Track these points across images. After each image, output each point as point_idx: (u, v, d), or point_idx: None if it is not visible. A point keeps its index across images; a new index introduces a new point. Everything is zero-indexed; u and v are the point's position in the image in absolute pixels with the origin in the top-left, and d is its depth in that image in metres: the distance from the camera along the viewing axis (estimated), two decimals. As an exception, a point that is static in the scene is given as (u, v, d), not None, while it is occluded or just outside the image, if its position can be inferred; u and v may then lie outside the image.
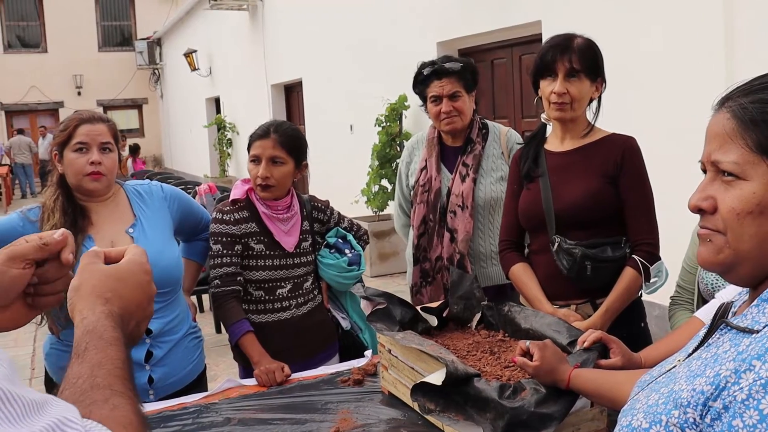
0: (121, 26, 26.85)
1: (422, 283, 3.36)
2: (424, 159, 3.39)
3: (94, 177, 2.54)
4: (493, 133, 3.37)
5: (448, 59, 3.30)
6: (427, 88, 3.28)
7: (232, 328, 2.72)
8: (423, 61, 3.35)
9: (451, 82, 3.23)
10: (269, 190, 2.81)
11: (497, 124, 3.48)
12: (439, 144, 3.39)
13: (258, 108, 14.70)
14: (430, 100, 3.28)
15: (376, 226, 8.49)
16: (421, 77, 3.31)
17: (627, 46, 5.36)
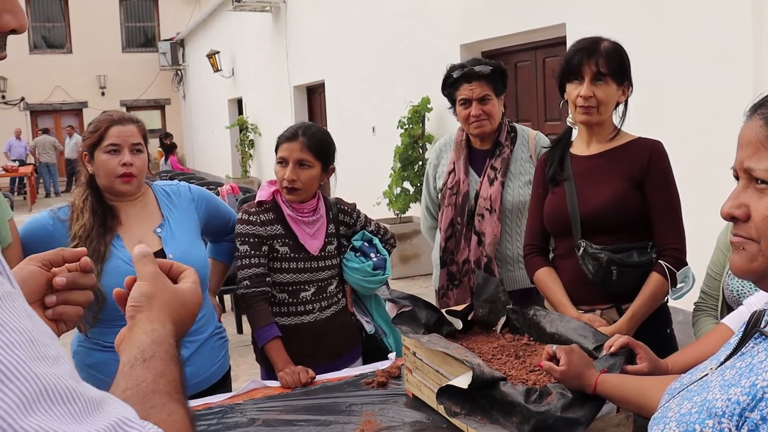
0: (144, 27, 27.02)
1: (449, 286, 3.35)
2: (452, 162, 3.38)
3: (126, 179, 2.56)
4: (521, 136, 3.36)
5: (478, 62, 3.29)
6: (456, 90, 3.27)
7: (260, 331, 2.72)
8: (452, 64, 3.34)
9: (480, 85, 3.21)
10: (295, 192, 2.81)
11: (526, 127, 3.46)
12: (467, 147, 3.38)
13: (280, 109, 14.74)
14: (459, 103, 3.27)
15: (397, 228, 8.49)
16: (451, 80, 3.29)
17: (653, 48, 5.32)
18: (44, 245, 2.38)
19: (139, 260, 1.04)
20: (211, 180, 13.55)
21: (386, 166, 9.24)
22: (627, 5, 5.71)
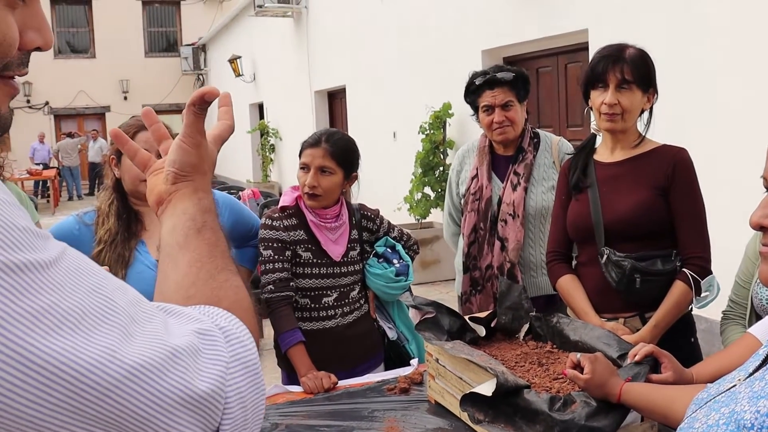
0: (167, 32, 27.20)
1: (471, 291, 3.35)
2: (475, 167, 3.39)
3: None
4: (544, 142, 3.36)
5: (500, 69, 3.29)
6: (478, 97, 3.27)
7: (283, 336, 2.73)
8: (475, 71, 3.34)
9: (503, 91, 3.22)
10: (316, 199, 2.82)
11: (548, 133, 3.46)
12: (490, 153, 3.38)
13: (301, 114, 14.78)
14: (482, 110, 3.27)
15: (418, 233, 8.48)
16: (473, 87, 3.29)
17: (677, 54, 5.29)
18: None
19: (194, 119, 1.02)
20: (233, 184, 13.60)
21: (407, 171, 9.25)
22: (650, 11, 5.68)
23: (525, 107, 3.32)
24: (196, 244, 0.90)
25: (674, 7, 5.43)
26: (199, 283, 0.86)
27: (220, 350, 0.74)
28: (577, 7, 6.57)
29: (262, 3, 13.88)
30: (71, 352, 0.61)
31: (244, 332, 0.79)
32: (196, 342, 0.72)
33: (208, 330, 0.75)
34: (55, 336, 0.60)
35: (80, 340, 0.62)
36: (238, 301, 0.86)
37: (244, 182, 18.08)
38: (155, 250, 2.58)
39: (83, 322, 0.63)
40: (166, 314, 0.75)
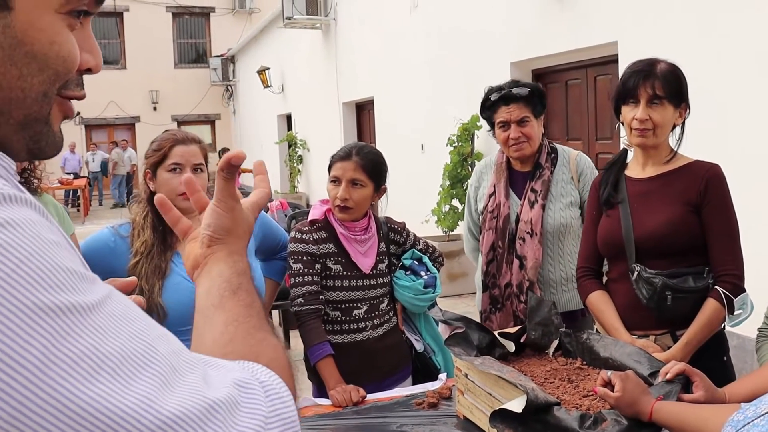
0: (196, 44, 27.43)
1: (491, 309, 3.33)
2: (492, 184, 3.36)
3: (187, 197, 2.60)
4: (562, 157, 3.32)
5: (516, 84, 3.26)
6: (494, 113, 3.24)
7: (312, 349, 2.74)
8: (490, 87, 3.31)
9: (519, 107, 3.18)
10: (347, 211, 2.84)
11: (567, 148, 3.42)
12: (508, 169, 3.35)
13: (329, 126, 14.83)
14: (498, 126, 3.24)
15: (445, 246, 8.47)
16: (489, 103, 3.27)
17: (709, 68, 5.23)
18: (106, 261, 2.44)
19: (224, 184, 1.02)
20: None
21: (435, 183, 9.24)
22: (680, 23, 5.64)
23: (542, 122, 3.29)
24: (232, 305, 0.91)
25: (706, 19, 5.39)
26: (236, 340, 0.87)
27: (259, 404, 0.73)
28: (607, 19, 6.54)
29: (290, 15, 13.96)
30: (108, 399, 0.60)
31: (283, 388, 0.79)
32: (235, 394, 0.71)
33: (247, 382, 0.75)
34: (92, 381, 0.60)
35: (118, 387, 0.61)
36: (277, 359, 0.86)
37: (272, 193, 18.15)
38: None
39: (122, 368, 0.63)
40: (207, 366, 0.74)
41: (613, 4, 6.45)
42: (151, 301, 2.48)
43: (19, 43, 0.72)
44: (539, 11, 7.45)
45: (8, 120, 0.75)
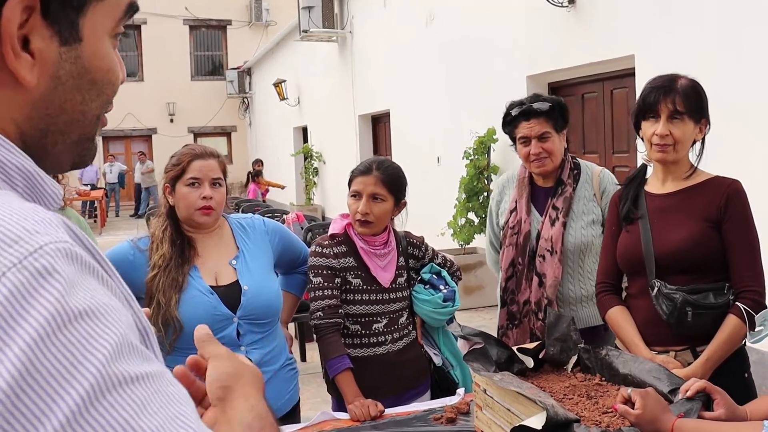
0: (212, 56, 27.57)
1: (509, 325, 3.30)
2: (514, 200, 3.33)
3: (205, 212, 2.63)
4: (585, 173, 3.27)
5: (537, 98, 3.21)
6: (515, 128, 3.20)
7: (331, 362, 2.75)
8: (511, 101, 3.27)
9: (539, 122, 3.13)
10: (368, 225, 2.86)
11: (590, 164, 3.38)
12: (530, 184, 3.31)
13: (345, 138, 14.87)
14: (519, 142, 3.20)
15: (461, 259, 8.46)
16: (509, 118, 3.23)
17: (728, 82, 5.21)
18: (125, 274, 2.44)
19: (205, 341, 1.01)
20: (277, 207, 13.69)
21: (451, 196, 9.25)
22: (697, 36, 5.63)
23: (564, 137, 3.24)
24: None
25: (724, 32, 5.38)
26: None
27: None
28: (624, 33, 6.54)
29: (307, 28, 14.03)
30: None
31: None
32: None
33: None
34: None
35: None
36: None
37: (288, 205, 18.20)
38: (208, 276, 2.62)
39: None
40: None
41: (629, 18, 6.45)
42: (167, 314, 2.50)
43: (86, 71, 0.78)
44: (556, 24, 7.46)
45: (66, 139, 0.80)
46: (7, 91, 0.73)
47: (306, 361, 6.61)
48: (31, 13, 0.71)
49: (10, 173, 0.73)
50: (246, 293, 2.61)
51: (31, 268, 0.58)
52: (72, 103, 0.78)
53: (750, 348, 2.73)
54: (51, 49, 0.74)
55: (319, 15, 14.01)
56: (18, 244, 0.59)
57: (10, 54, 0.71)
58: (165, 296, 2.51)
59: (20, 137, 0.76)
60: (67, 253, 0.62)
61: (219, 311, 2.56)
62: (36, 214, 0.64)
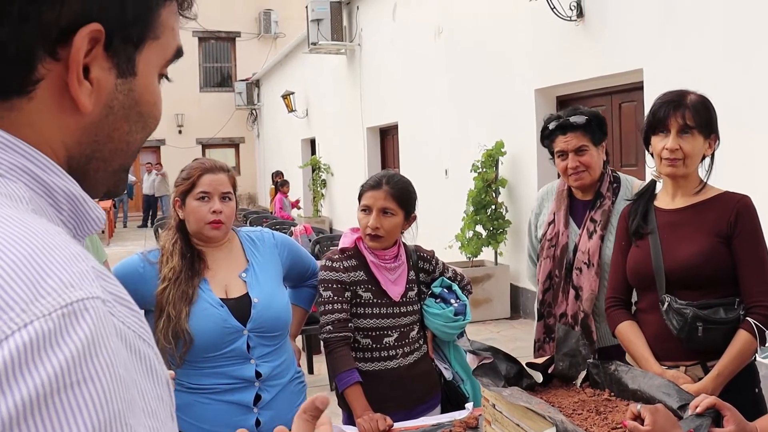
0: (221, 68, 27.68)
1: (545, 339, 3.29)
2: (552, 212, 3.32)
3: (215, 225, 2.64)
4: (624, 186, 3.24)
5: (574, 112, 3.20)
6: (552, 142, 3.20)
7: (340, 376, 2.75)
8: (550, 115, 3.27)
9: (576, 136, 3.12)
10: (378, 240, 2.86)
11: (631, 177, 3.35)
12: (569, 197, 3.30)
13: (353, 150, 14.90)
14: (556, 155, 3.20)
15: (469, 272, 8.45)
16: (547, 132, 3.23)
17: (736, 96, 5.22)
18: (135, 287, 2.46)
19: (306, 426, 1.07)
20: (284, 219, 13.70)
21: (458, 209, 9.25)
22: (706, 50, 5.64)
23: (603, 149, 3.22)
24: None
25: (733, 46, 5.39)
26: None
27: None
28: (632, 46, 6.55)
29: (316, 40, 14.08)
30: None
31: None
32: None
33: None
34: None
35: None
36: None
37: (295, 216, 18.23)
38: (218, 289, 2.63)
39: None
40: None
41: (638, 31, 6.46)
42: (177, 326, 2.50)
43: (136, 103, 0.82)
44: (564, 38, 7.47)
45: (107, 167, 0.84)
46: (64, 116, 0.76)
47: (313, 374, 6.61)
48: (95, 44, 0.74)
49: (57, 197, 0.76)
50: (256, 306, 2.62)
51: (57, 321, 0.59)
52: (119, 133, 0.82)
53: (760, 363, 2.73)
54: (108, 80, 0.78)
55: (328, 27, 14.06)
56: (51, 296, 0.60)
57: (74, 80, 0.74)
58: (175, 309, 2.52)
59: (67, 161, 0.79)
60: (96, 311, 0.62)
61: (229, 324, 2.56)
62: (76, 263, 0.64)
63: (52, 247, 0.64)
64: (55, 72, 0.73)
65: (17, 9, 0.69)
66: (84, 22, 0.72)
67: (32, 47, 0.71)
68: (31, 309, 0.59)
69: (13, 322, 0.58)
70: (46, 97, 0.74)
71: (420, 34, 11.22)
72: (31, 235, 0.64)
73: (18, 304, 0.58)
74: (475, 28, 9.47)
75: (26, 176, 0.73)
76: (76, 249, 0.67)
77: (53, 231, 0.67)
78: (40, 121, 0.75)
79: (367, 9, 13.75)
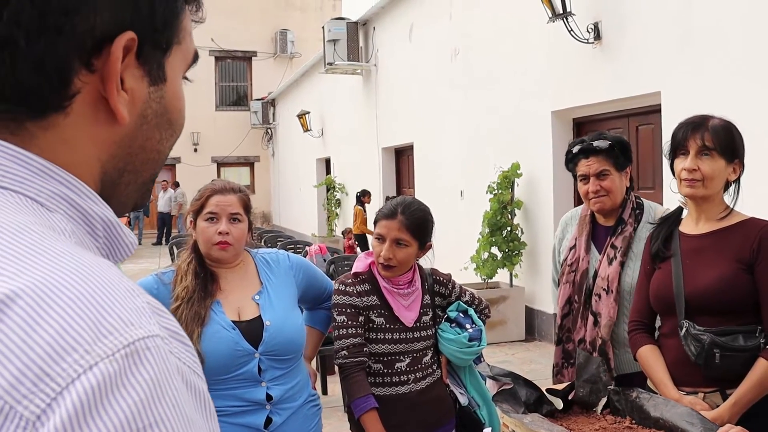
0: (237, 87, 27.83)
1: (564, 364, 3.27)
2: (574, 237, 3.32)
3: (222, 246, 2.63)
4: (647, 213, 3.22)
5: (599, 136, 3.20)
6: (575, 166, 3.21)
7: (356, 402, 2.72)
8: (574, 139, 3.30)
9: (598, 160, 3.13)
10: (391, 270, 2.84)
11: (654, 204, 3.33)
12: (592, 222, 3.29)
13: (368, 170, 14.92)
14: (579, 179, 3.20)
15: (484, 293, 8.41)
16: (570, 155, 3.24)
17: (759, 119, 5.17)
18: None
19: None
20: (299, 239, 13.71)
21: (474, 230, 9.22)
22: (725, 73, 5.61)
23: (627, 175, 3.21)
24: None
25: (752, 70, 5.36)
26: None
27: None
28: (650, 69, 6.53)
29: (332, 60, 14.14)
30: None
31: None
32: None
33: None
34: None
35: None
36: None
37: (309, 236, 18.24)
38: (231, 311, 2.61)
39: None
40: None
41: (656, 54, 6.44)
42: None
43: (166, 111, 0.81)
44: (581, 60, 7.46)
45: (138, 179, 0.83)
46: (100, 130, 0.75)
47: (327, 395, 6.57)
48: (128, 52, 0.73)
49: (94, 224, 0.75)
50: (268, 329, 2.60)
51: (122, 362, 0.58)
52: (151, 142, 0.81)
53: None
54: (141, 89, 0.77)
55: (344, 48, 14.13)
56: (113, 335, 0.59)
57: (113, 91, 0.72)
58: (188, 329, 2.50)
59: (101, 177, 0.77)
60: (158, 350, 0.61)
61: (240, 347, 2.54)
62: (132, 299, 0.63)
63: (108, 284, 0.63)
64: (90, 85, 0.72)
65: (52, 22, 0.67)
66: (118, 32, 0.71)
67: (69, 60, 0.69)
68: (95, 350, 0.57)
69: (78, 365, 0.56)
70: (82, 112, 0.73)
71: (436, 54, 11.25)
72: (86, 270, 0.63)
73: (81, 345, 0.57)
74: (492, 49, 9.49)
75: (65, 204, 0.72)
76: (130, 284, 0.66)
77: (105, 265, 0.66)
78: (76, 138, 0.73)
79: (383, 30, 13.81)
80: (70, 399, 0.55)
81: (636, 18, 6.71)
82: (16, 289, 0.58)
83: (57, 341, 0.57)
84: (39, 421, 0.55)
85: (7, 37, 0.67)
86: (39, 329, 0.57)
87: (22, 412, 0.55)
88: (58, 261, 0.62)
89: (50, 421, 0.55)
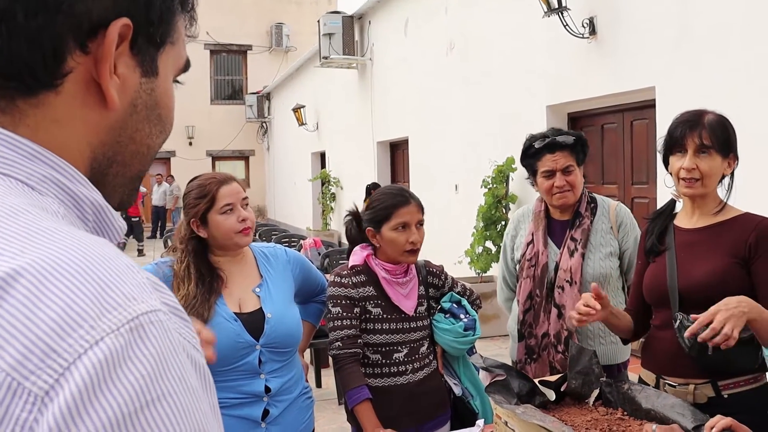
0: (232, 80, 27.76)
1: (527, 360, 3.29)
2: (530, 233, 3.34)
3: (246, 232, 2.65)
4: (601, 207, 3.30)
5: (560, 132, 3.25)
6: (538, 161, 3.22)
7: (350, 393, 2.74)
8: (532, 134, 3.29)
9: (564, 155, 3.17)
10: (416, 253, 2.89)
11: (606, 198, 3.41)
12: (546, 218, 3.33)
13: (363, 164, 14.91)
14: (541, 175, 3.22)
15: (478, 287, 8.36)
16: (532, 150, 3.25)
17: (752, 114, 5.19)
18: None
19: None
20: (294, 232, 13.71)
21: (468, 224, 9.24)
22: (719, 68, 5.63)
23: (582, 171, 3.28)
24: None
25: (746, 65, 5.38)
26: None
27: None
28: (645, 64, 6.55)
29: (327, 54, 14.12)
30: None
31: None
32: None
33: None
34: None
35: None
36: None
37: (304, 230, 18.24)
38: (232, 303, 2.61)
39: None
40: None
41: (651, 49, 6.46)
42: None
43: (156, 105, 0.82)
44: (577, 55, 7.48)
45: (126, 172, 0.83)
46: (91, 113, 0.76)
47: (321, 388, 6.59)
48: (123, 40, 0.75)
49: (84, 208, 0.76)
50: (269, 321, 2.61)
51: (127, 336, 0.59)
52: (141, 135, 0.82)
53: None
54: (133, 78, 0.78)
55: (340, 42, 14.12)
56: (117, 311, 0.60)
57: (106, 73, 0.74)
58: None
59: (91, 162, 0.78)
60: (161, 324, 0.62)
61: (242, 338, 2.55)
62: (132, 275, 0.64)
63: (108, 260, 0.64)
64: (83, 66, 0.73)
65: None
66: (114, 17, 0.73)
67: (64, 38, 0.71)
68: (100, 325, 0.58)
69: (84, 340, 0.57)
70: (73, 92, 0.74)
71: (432, 49, 11.25)
72: (86, 247, 0.64)
73: (86, 321, 0.58)
74: (487, 43, 9.50)
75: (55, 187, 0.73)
76: (129, 260, 0.67)
77: (103, 242, 0.67)
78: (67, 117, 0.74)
79: (379, 24, 13.79)
80: (78, 374, 0.56)
81: (631, 13, 6.72)
82: (18, 268, 0.59)
83: (62, 317, 0.58)
84: (48, 396, 0.56)
85: (6, 11, 0.68)
86: (43, 306, 0.58)
87: (30, 387, 0.56)
88: (58, 239, 0.63)
89: (59, 396, 0.56)
